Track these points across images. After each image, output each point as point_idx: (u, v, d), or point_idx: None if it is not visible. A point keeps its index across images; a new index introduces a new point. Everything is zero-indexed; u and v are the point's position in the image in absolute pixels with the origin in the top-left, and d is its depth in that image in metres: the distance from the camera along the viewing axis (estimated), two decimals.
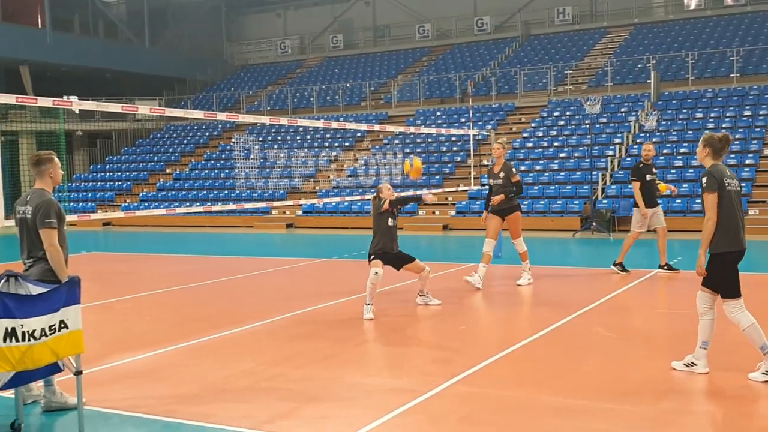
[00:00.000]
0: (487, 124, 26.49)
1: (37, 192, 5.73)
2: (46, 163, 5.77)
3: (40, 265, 5.60)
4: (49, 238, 5.53)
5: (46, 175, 5.77)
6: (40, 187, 5.77)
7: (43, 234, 5.53)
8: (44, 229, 5.52)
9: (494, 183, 11.27)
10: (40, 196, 5.65)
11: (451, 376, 6.36)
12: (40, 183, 5.78)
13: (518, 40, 34.24)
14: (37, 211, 5.56)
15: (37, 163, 5.77)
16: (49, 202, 5.60)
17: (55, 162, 5.83)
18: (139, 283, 12.86)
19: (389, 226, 9.40)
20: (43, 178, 5.77)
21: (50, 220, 5.54)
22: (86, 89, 32.77)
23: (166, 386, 6.38)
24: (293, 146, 29.33)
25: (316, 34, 40.20)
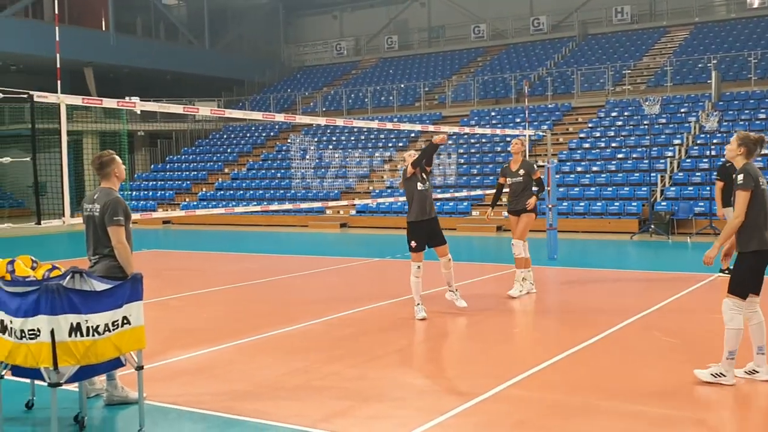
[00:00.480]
0: (542, 124, 26.26)
1: (104, 191, 5.88)
2: (110, 165, 5.93)
3: (105, 261, 5.75)
4: (117, 235, 5.66)
5: (111, 175, 5.92)
6: (107, 186, 5.93)
7: (112, 231, 5.66)
8: (112, 227, 5.66)
9: (513, 181, 10.51)
10: (108, 195, 5.80)
11: (505, 379, 6.34)
12: (106, 183, 5.93)
13: (575, 40, 33.84)
14: (105, 209, 5.70)
15: (101, 166, 5.92)
16: (116, 201, 5.74)
17: (117, 161, 5.99)
18: (196, 280, 13.10)
19: (420, 191, 9.09)
20: (110, 179, 5.93)
21: (118, 218, 5.67)
22: (147, 90, 33.52)
23: (222, 383, 6.50)
24: (348, 147, 29.51)
25: (371, 35, 40.36)
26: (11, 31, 29.66)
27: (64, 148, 6.54)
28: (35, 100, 6.10)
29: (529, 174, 10.44)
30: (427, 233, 9.08)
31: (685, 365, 6.74)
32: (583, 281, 12.43)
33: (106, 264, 5.74)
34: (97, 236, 5.78)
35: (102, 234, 5.74)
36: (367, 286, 12.32)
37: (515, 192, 10.48)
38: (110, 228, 5.66)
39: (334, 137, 30.89)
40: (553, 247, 14.72)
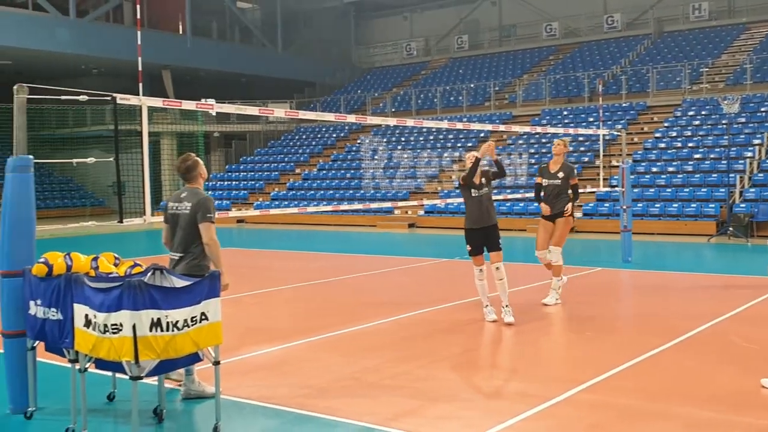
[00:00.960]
0: (616, 123, 25.79)
1: (192, 191, 6.08)
2: (196, 168, 6.15)
3: (188, 259, 5.95)
4: (210, 232, 5.87)
5: (198, 177, 6.15)
6: (194, 186, 6.13)
7: (204, 228, 5.87)
8: (205, 224, 5.87)
9: (549, 183, 9.90)
10: (198, 194, 6.01)
11: (577, 383, 6.27)
12: (192, 184, 6.13)
13: (650, 38, 33.10)
14: (197, 208, 5.90)
15: (187, 170, 6.13)
16: (207, 199, 5.97)
17: (200, 162, 6.22)
18: (269, 278, 13.34)
19: (473, 197, 8.88)
20: (196, 180, 6.14)
21: (211, 215, 5.90)
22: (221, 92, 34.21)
23: (295, 379, 6.61)
24: (417, 147, 29.56)
25: (441, 35, 40.28)
26: (93, 36, 30.69)
27: (145, 148, 6.75)
28: (118, 102, 6.31)
29: (567, 178, 9.90)
30: (482, 239, 8.88)
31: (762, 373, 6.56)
32: (657, 284, 12.17)
33: (189, 262, 5.93)
34: (185, 234, 5.96)
35: (191, 231, 5.93)
36: (436, 286, 12.33)
37: (550, 195, 9.92)
38: (203, 225, 5.87)
39: (403, 137, 30.97)
40: (627, 249, 14.46)
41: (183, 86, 34.50)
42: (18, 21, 28.52)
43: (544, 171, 10.10)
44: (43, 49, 29.39)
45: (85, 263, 5.60)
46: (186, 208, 5.95)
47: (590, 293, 11.17)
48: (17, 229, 5.78)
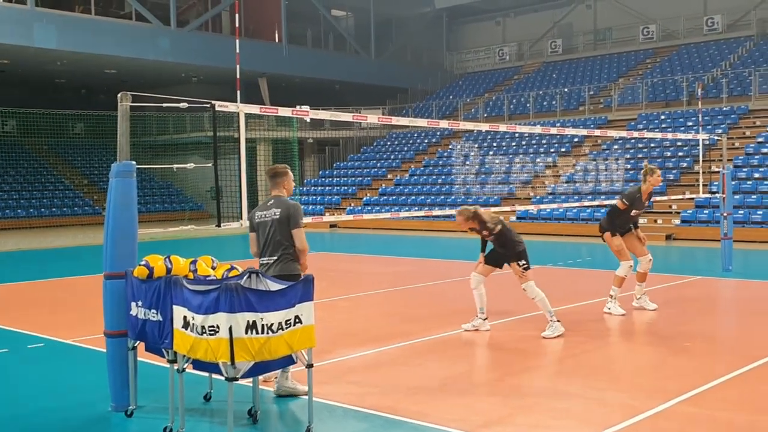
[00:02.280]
0: (717, 128, 24.89)
1: (279, 199, 6.30)
2: (282, 176, 6.37)
3: (282, 263, 6.15)
4: (301, 237, 6.17)
5: (281, 186, 6.34)
6: (278, 193, 6.33)
7: (296, 234, 6.16)
8: (297, 230, 6.16)
9: (636, 213, 9.82)
10: (285, 201, 6.25)
11: (676, 394, 6.08)
12: (276, 191, 6.34)
13: (753, 39, 31.80)
14: (288, 214, 6.16)
15: (275, 175, 6.37)
16: (298, 206, 6.25)
17: (289, 175, 6.41)
18: (361, 282, 13.45)
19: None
20: (279, 188, 6.34)
21: (302, 221, 6.20)
22: (316, 99, 34.74)
23: (386, 383, 6.65)
24: (509, 152, 29.27)
25: (534, 39, 39.80)
26: (193, 45, 31.69)
27: (242, 154, 6.92)
28: (216, 109, 6.49)
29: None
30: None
31: None
32: (760, 295, 11.68)
33: (282, 265, 6.13)
34: (276, 240, 6.16)
35: (282, 237, 6.15)
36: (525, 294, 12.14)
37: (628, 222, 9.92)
38: (295, 231, 6.15)
39: (495, 143, 30.72)
40: (727, 257, 13.92)
41: (278, 93, 35.20)
42: (122, 31, 29.72)
43: (638, 202, 9.76)
44: (146, 58, 30.52)
45: (184, 266, 5.78)
46: (275, 214, 6.18)
47: (688, 303, 10.81)
48: (120, 232, 6.02)
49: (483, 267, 8.84)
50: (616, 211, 9.75)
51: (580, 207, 22.56)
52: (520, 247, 8.54)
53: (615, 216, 9.76)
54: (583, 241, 20.95)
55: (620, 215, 9.73)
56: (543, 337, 8.31)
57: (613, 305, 9.64)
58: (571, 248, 19.52)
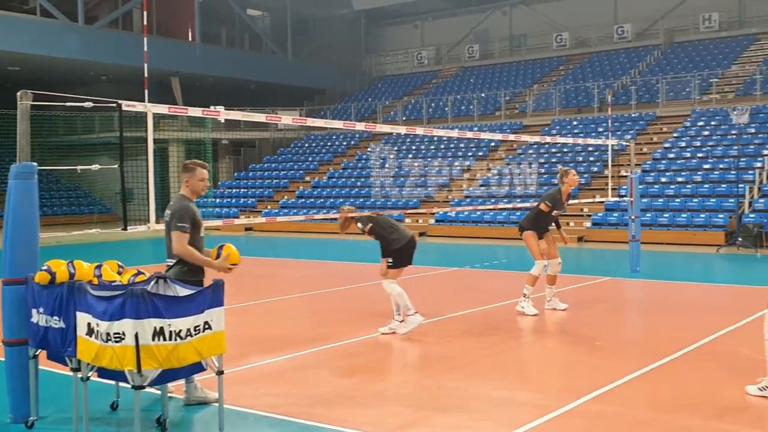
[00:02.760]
0: (626, 133, 25.70)
1: (178, 198, 6.03)
2: (187, 172, 6.07)
3: (176, 267, 5.90)
4: (179, 242, 5.78)
5: (184, 183, 6.07)
6: (182, 193, 6.06)
7: (175, 237, 5.80)
8: (176, 233, 5.80)
9: (556, 213, 10.16)
10: (179, 202, 5.95)
11: (585, 392, 6.21)
12: (183, 190, 6.08)
13: (660, 48, 33.02)
14: (173, 215, 5.86)
15: (183, 170, 6.11)
16: (185, 207, 5.87)
17: (197, 173, 6.05)
18: (276, 287, 13.29)
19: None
20: (183, 186, 6.07)
21: (182, 225, 5.79)
22: (231, 99, 34.25)
23: (299, 388, 6.56)
24: (427, 155, 29.52)
25: (452, 44, 40.31)
26: (102, 43, 30.79)
27: (150, 155, 6.72)
28: (124, 108, 6.29)
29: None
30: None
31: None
32: (665, 295, 12.09)
33: (179, 269, 5.88)
34: (167, 242, 5.94)
35: (170, 240, 5.90)
36: (446, 295, 12.26)
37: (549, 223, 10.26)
38: (173, 233, 5.81)
39: (414, 146, 30.94)
40: (635, 259, 14.36)
41: (192, 93, 34.58)
42: (25, 27, 28.62)
43: (558, 203, 10.02)
44: (52, 56, 29.48)
45: (88, 271, 5.58)
46: (167, 214, 5.94)
47: (598, 303, 11.09)
48: (20, 236, 5.74)
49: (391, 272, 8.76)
50: (540, 214, 9.95)
51: (496, 210, 22.91)
52: (394, 245, 8.63)
53: (538, 218, 9.97)
54: (499, 244, 21.28)
55: (543, 217, 9.96)
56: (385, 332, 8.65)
57: (526, 305, 9.80)
58: (487, 250, 19.79)
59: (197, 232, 5.96)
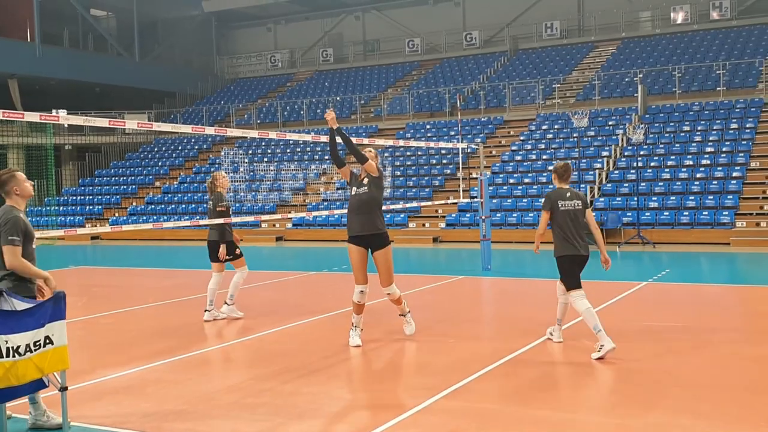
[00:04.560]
0: (476, 137, 26.57)
1: (5, 209, 5.64)
2: (9, 182, 5.69)
3: (9, 279, 5.52)
4: (11, 256, 5.42)
5: (12, 193, 5.69)
6: (9, 203, 5.69)
7: (6, 251, 5.42)
8: (7, 247, 5.42)
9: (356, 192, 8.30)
10: (7, 213, 5.57)
11: (439, 390, 6.34)
12: (9, 201, 5.71)
13: (506, 55, 34.41)
14: (2, 227, 5.47)
15: (2, 185, 5.70)
16: (15, 219, 5.52)
17: (17, 177, 5.73)
18: (125, 297, 12.78)
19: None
20: (11, 197, 5.70)
21: (13, 238, 5.44)
22: (76, 103, 32.69)
23: (151, 402, 6.32)
24: (283, 159, 29.34)
25: (306, 48, 40.30)
26: None
27: None
28: None
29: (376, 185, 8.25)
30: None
31: (611, 374, 6.86)
32: (515, 291, 12.58)
33: (11, 282, 5.50)
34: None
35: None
36: (303, 299, 12.21)
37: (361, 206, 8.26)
38: (4, 248, 5.42)
39: (269, 150, 30.67)
40: (486, 258, 14.86)
41: (33, 96, 32.75)
42: None
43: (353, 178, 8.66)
44: None
45: None
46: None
47: (452, 301, 11.37)
48: None
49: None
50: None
51: None
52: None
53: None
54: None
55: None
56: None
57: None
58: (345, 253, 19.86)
59: (29, 244, 5.60)
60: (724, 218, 19.57)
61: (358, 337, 8.19)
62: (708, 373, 6.82)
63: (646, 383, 6.50)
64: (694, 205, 20.33)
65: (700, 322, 9.37)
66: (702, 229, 19.63)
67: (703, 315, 9.91)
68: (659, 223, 20.09)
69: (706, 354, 7.61)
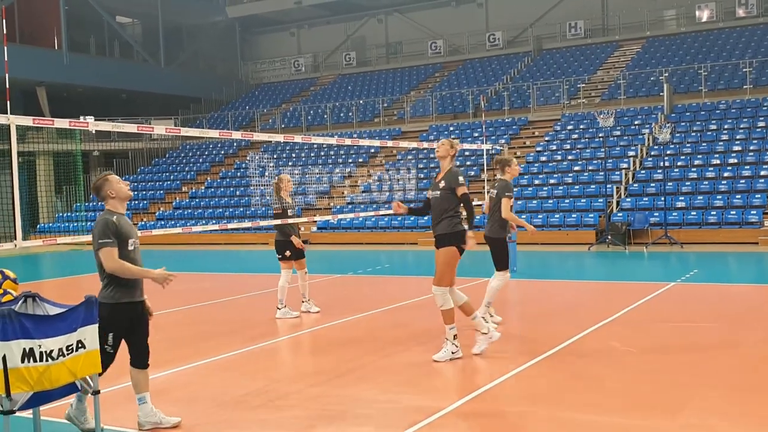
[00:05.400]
0: (500, 138, 26.51)
1: (100, 215, 5.68)
2: (103, 187, 5.72)
3: (104, 291, 5.60)
4: (107, 260, 5.46)
5: (107, 197, 5.71)
6: (108, 208, 5.71)
7: (101, 256, 5.48)
8: (101, 250, 5.47)
9: (432, 196, 7.84)
10: (100, 218, 5.62)
11: (466, 392, 6.35)
12: (107, 206, 5.73)
13: (530, 55, 34.29)
14: (93, 236, 5.53)
15: (96, 192, 5.73)
16: (104, 222, 5.53)
17: (111, 181, 5.72)
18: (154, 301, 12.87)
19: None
20: (107, 201, 5.72)
21: (104, 240, 5.47)
22: (102, 109, 33.08)
23: (181, 404, 6.39)
24: (308, 163, 29.46)
25: (329, 51, 40.44)
26: None
27: (15, 169, 6.40)
28: None
29: (450, 189, 7.60)
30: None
31: (643, 374, 6.82)
32: (541, 293, 12.53)
33: (104, 293, 5.58)
34: (96, 262, 5.60)
35: (97, 261, 5.56)
36: (330, 302, 12.25)
37: (433, 212, 7.75)
38: (99, 253, 5.48)
39: (294, 154, 30.82)
40: (512, 259, 14.79)
41: (60, 103, 33.14)
42: None
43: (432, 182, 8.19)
44: None
45: None
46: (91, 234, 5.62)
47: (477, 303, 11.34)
48: None
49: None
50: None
51: (378, 216, 23.12)
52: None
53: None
54: (381, 249, 21.48)
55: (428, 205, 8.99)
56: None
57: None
58: (370, 256, 19.93)
59: (126, 245, 5.60)
60: (752, 217, 19.36)
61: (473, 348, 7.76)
62: (737, 375, 6.77)
63: (674, 384, 6.46)
64: (722, 205, 20.14)
65: (729, 322, 9.28)
66: (730, 228, 19.43)
67: (732, 315, 9.81)
68: (686, 222, 19.91)
69: (735, 355, 7.54)
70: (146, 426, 5.75)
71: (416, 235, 22.81)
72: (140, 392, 5.79)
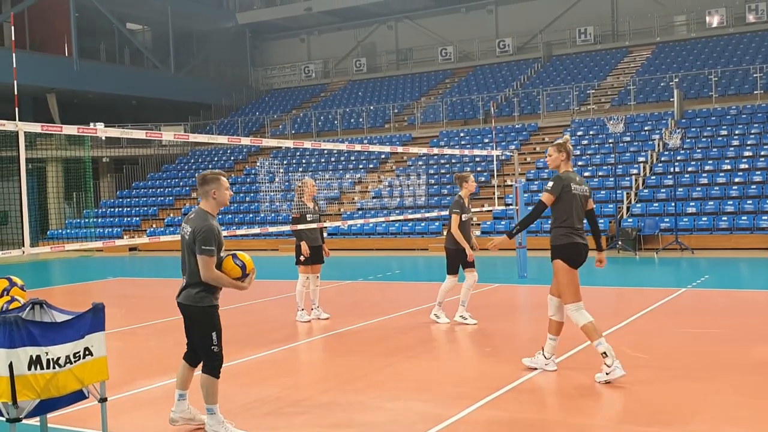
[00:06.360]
0: (510, 144, 26.45)
1: (200, 213, 5.60)
2: (210, 183, 5.63)
3: (188, 290, 5.57)
4: (206, 266, 5.43)
5: (209, 196, 5.62)
6: (203, 208, 5.62)
7: (201, 261, 5.42)
8: (202, 257, 5.42)
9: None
10: (203, 220, 5.52)
11: (477, 399, 6.29)
12: (204, 204, 5.63)
13: (540, 61, 34.24)
14: (196, 235, 5.45)
15: (202, 182, 5.64)
16: (209, 228, 5.43)
17: (221, 182, 5.64)
18: (163, 308, 12.89)
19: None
20: (208, 199, 5.62)
21: (208, 247, 5.40)
22: (113, 116, 33.22)
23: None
24: (318, 169, 29.48)
25: (339, 58, 40.50)
26: None
27: (23, 175, 6.40)
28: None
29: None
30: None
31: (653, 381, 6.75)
32: None
33: (188, 292, 5.56)
34: (185, 260, 5.57)
35: (189, 258, 5.52)
36: (340, 308, 12.21)
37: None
38: (200, 257, 5.42)
39: (304, 160, 30.84)
40: (522, 265, 14.76)
41: (70, 110, 33.30)
42: None
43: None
44: None
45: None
46: (187, 232, 5.54)
47: (488, 309, 11.29)
48: None
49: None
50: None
51: (388, 221, 23.10)
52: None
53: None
54: (392, 255, 21.45)
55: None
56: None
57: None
58: (380, 262, 19.89)
59: (220, 253, 5.57)
60: (764, 223, 19.23)
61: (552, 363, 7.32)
62: (749, 381, 6.69)
63: (686, 391, 6.39)
64: (733, 210, 20.01)
65: (741, 328, 9.20)
66: (741, 234, 19.30)
67: (743, 321, 9.72)
68: (697, 228, 19.80)
69: (747, 361, 7.46)
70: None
71: (427, 241, 22.76)
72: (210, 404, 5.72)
